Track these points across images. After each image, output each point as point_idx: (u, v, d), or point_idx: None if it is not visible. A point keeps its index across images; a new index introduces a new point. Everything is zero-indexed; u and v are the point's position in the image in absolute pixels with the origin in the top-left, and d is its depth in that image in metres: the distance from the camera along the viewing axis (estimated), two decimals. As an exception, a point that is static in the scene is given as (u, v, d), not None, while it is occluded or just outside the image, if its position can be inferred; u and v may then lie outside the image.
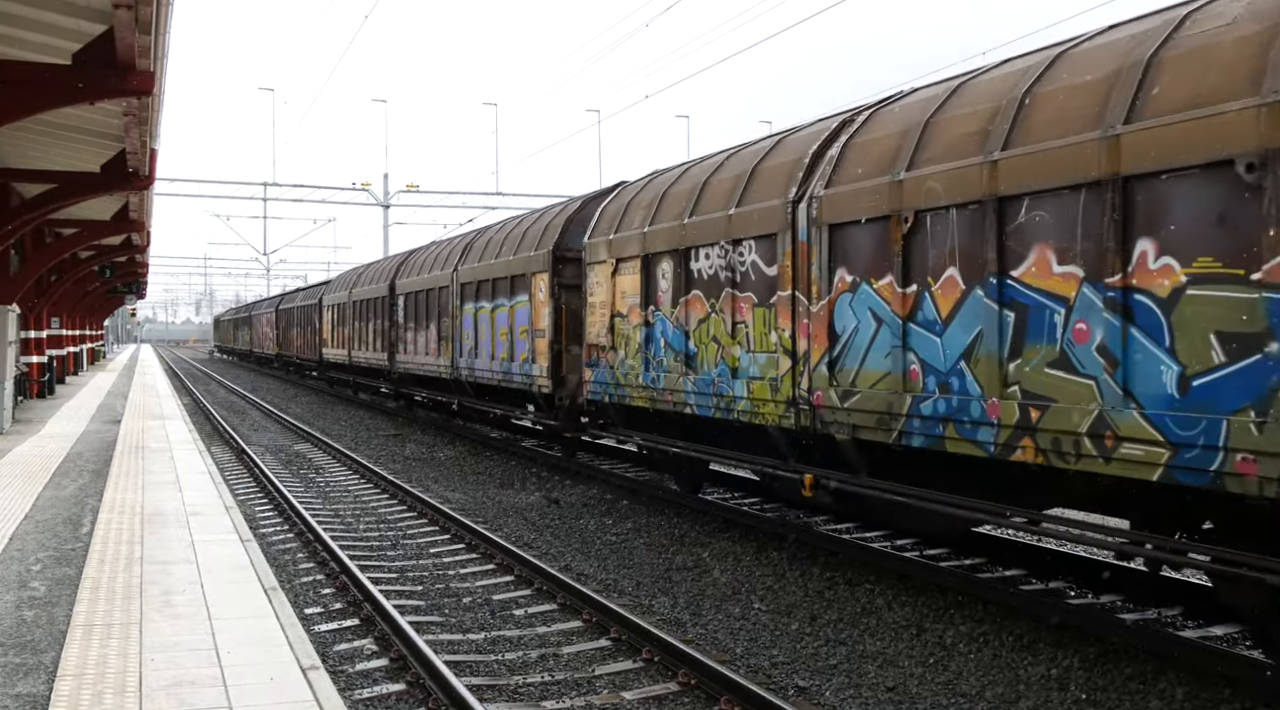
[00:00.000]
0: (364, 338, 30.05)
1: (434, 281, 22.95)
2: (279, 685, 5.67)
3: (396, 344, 26.31)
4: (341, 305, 33.96)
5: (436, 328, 22.68)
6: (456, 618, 9.27)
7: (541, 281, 16.92)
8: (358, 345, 31.03)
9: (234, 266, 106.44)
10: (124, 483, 12.89)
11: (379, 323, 28.10)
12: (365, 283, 30.35)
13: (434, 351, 22.77)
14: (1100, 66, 7.32)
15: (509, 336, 18.24)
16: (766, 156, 11.12)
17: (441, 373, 22.35)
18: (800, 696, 7.32)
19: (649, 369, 12.90)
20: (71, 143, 15.81)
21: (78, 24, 10.53)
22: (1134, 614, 8.65)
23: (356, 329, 31.13)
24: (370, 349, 29.30)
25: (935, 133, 8.50)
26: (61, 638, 6.51)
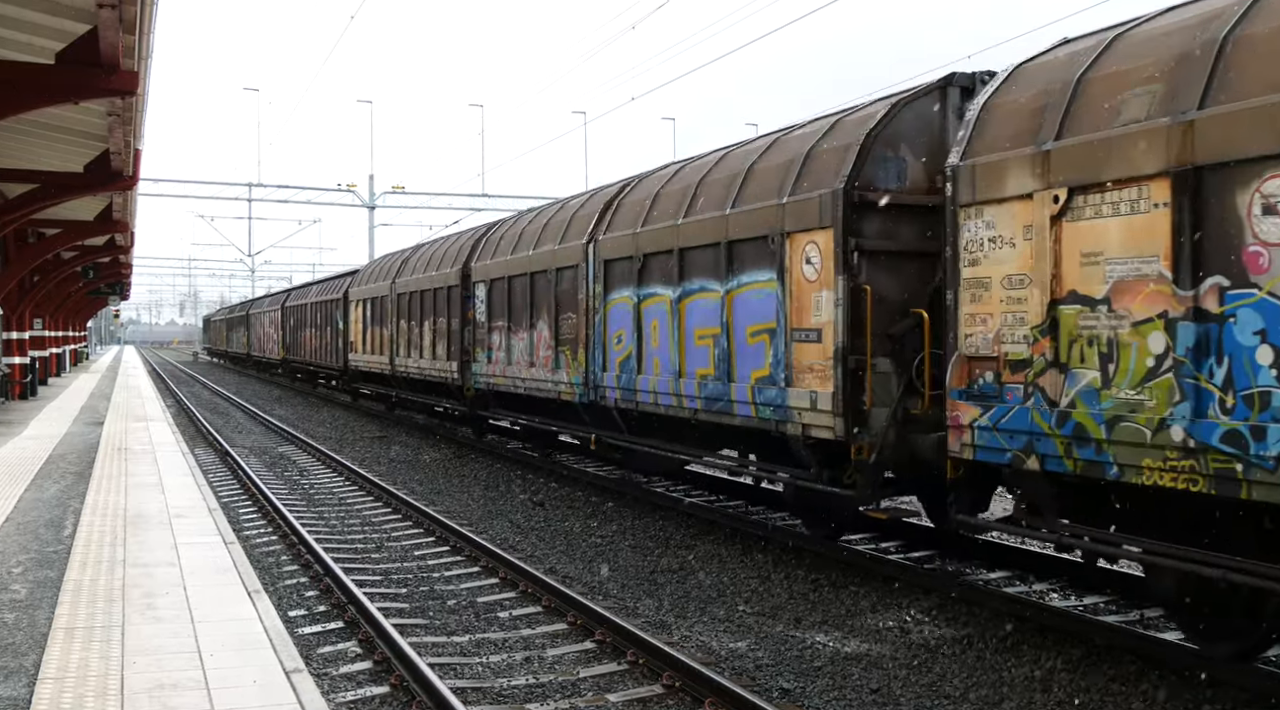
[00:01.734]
0: (417, 340, 23.13)
1: (548, 261, 15.92)
2: (262, 688, 5.65)
3: (473, 349, 19.43)
4: (378, 300, 26.82)
5: (551, 328, 15.82)
6: (441, 620, 9.25)
7: (815, 245, 9.81)
8: (407, 351, 23.91)
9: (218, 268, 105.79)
10: (107, 485, 12.82)
11: (442, 321, 21.29)
12: (419, 269, 23.51)
13: (545, 362, 15.96)
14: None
15: (723, 340, 11.15)
16: None
17: (561, 392, 15.43)
18: (785, 698, 7.33)
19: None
20: (55, 142, 15.73)
21: (61, 23, 10.49)
22: (1117, 616, 8.69)
23: (405, 330, 24.12)
24: (427, 356, 22.37)
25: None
26: (43, 641, 6.47)
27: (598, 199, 15.43)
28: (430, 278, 22.23)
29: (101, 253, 31.92)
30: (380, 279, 27.05)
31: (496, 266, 18.19)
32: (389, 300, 25.53)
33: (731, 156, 12.22)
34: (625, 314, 13.36)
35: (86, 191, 18.38)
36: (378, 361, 26.78)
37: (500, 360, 17.88)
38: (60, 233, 24.82)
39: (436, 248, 23.67)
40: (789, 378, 10.09)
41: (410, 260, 25.05)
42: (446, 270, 21.18)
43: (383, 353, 26.18)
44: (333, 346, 33.40)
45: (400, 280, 24.70)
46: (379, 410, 30.76)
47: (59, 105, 12.08)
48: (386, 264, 27.78)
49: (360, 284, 29.64)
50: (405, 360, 24.06)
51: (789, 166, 10.55)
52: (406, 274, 24.45)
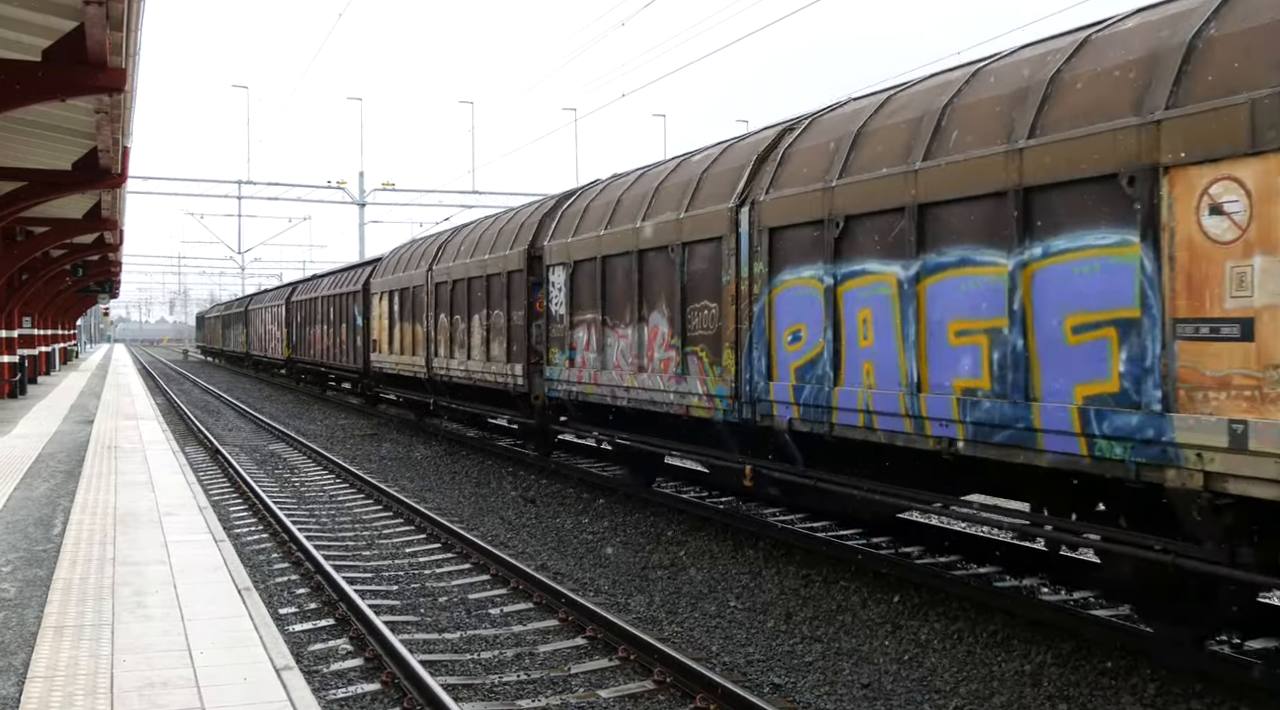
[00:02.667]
0: (463, 338, 19.06)
1: (670, 234, 11.92)
2: (252, 686, 5.64)
3: (545, 349, 15.33)
4: (409, 291, 22.69)
5: (672, 323, 11.86)
6: (432, 617, 9.25)
7: (1236, 183, 6.13)
8: (449, 351, 19.83)
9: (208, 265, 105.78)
10: (96, 483, 12.78)
11: (499, 315, 17.23)
12: (465, 253, 19.35)
13: (663, 367, 12.14)
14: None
15: (1012, 337, 7.43)
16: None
17: (691, 406, 11.55)
18: (776, 694, 7.34)
19: None
20: (42, 140, 15.67)
21: (48, 20, 10.44)
22: (1107, 610, 8.71)
23: (446, 326, 20.01)
24: (478, 357, 18.15)
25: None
26: (32, 639, 6.45)
27: (743, 149, 11.39)
28: (482, 263, 18.03)
29: (90, 251, 31.81)
30: (411, 266, 22.79)
31: (583, 245, 14.07)
32: (424, 291, 21.35)
33: (1009, 64, 8.13)
34: (807, 302, 9.57)
35: (75, 189, 18.31)
36: (409, 363, 22.50)
37: (589, 364, 13.90)
38: (49, 231, 24.72)
39: (487, 227, 19.33)
40: (1168, 397, 6.34)
41: (451, 243, 20.87)
42: (505, 252, 16.96)
43: (416, 353, 21.91)
44: (349, 345, 29.22)
45: (440, 267, 20.52)
46: (370, 408, 30.65)
47: (46, 103, 12.03)
48: (420, 248, 23.37)
49: (384, 273, 25.31)
50: (447, 362, 19.80)
51: (1154, 62, 6.66)
52: (447, 259, 20.31)
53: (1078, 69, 7.21)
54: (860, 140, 9.10)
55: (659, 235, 12.15)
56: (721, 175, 11.32)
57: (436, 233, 23.93)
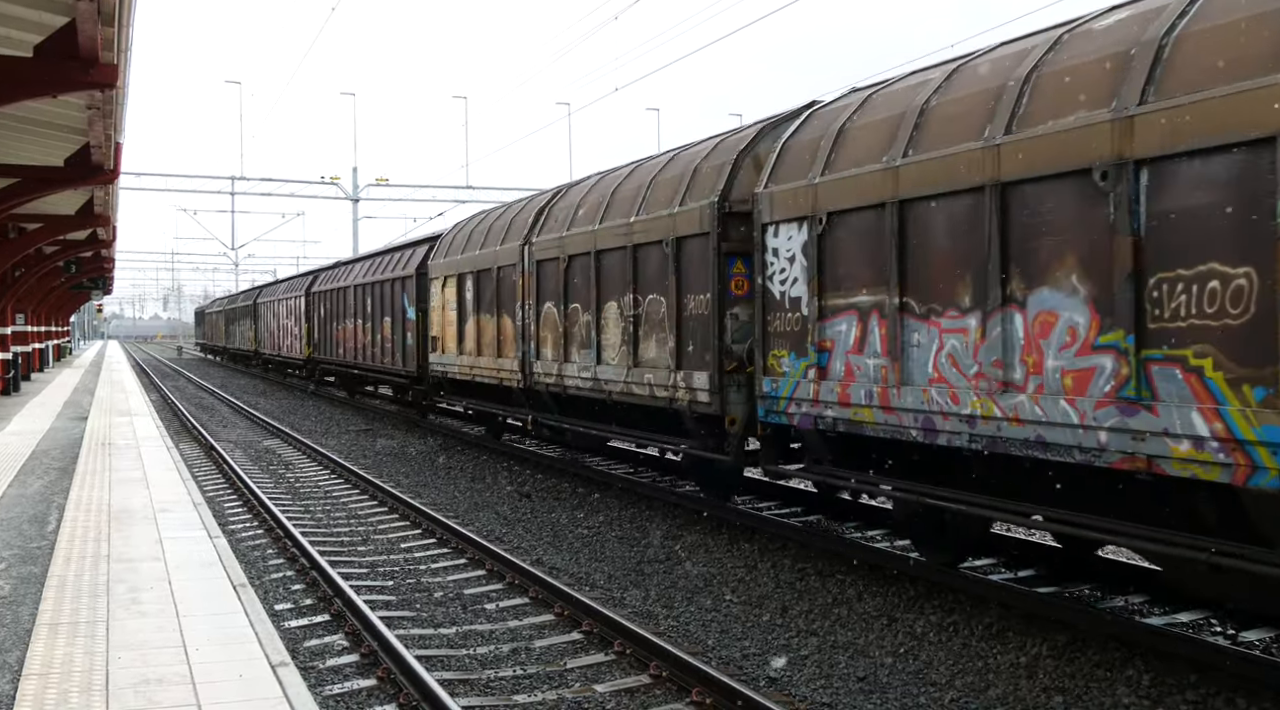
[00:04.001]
0: (585, 336, 14.18)
1: (1054, 152, 7.17)
2: (248, 682, 5.64)
3: (762, 350, 10.46)
4: (490, 273, 17.58)
5: (1100, 304, 6.90)
6: (428, 612, 9.25)
7: None
8: (562, 351, 14.83)
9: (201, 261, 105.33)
10: (91, 480, 12.76)
11: (655, 302, 12.44)
12: (588, 217, 14.24)
13: (1075, 385, 7.09)
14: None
15: None
16: None
17: (1138, 453, 6.65)
18: (771, 687, 7.35)
19: None
20: (34, 136, 15.61)
21: (39, 15, 10.39)
22: (1102, 602, 8.73)
23: (555, 317, 15.09)
24: (617, 360, 13.31)
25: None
26: (27, 636, 6.44)
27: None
28: (624, 229, 12.93)
29: (83, 247, 31.69)
30: (494, 241, 17.67)
31: (853, 186, 9.11)
32: (517, 272, 16.32)
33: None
34: None
35: (67, 186, 18.23)
36: (490, 367, 17.53)
37: (865, 374, 9.02)
38: (41, 227, 24.61)
39: (623, 180, 13.96)
40: None
41: (559, 207, 15.77)
42: (671, 211, 11.86)
43: (504, 353, 17.01)
44: (394, 344, 24.34)
45: (543, 239, 15.55)
46: (364, 404, 30.56)
47: (38, 99, 11.97)
48: (506, 218, 17.95)
49: (449, 252, 20.22)
50: (558, 367, 14.92)
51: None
52: (555, 228, 15.33)
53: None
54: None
55: (1043, 153, 7.26)
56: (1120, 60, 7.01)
57: (528, 197, 18.42)
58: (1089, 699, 6.89)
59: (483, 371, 17.99)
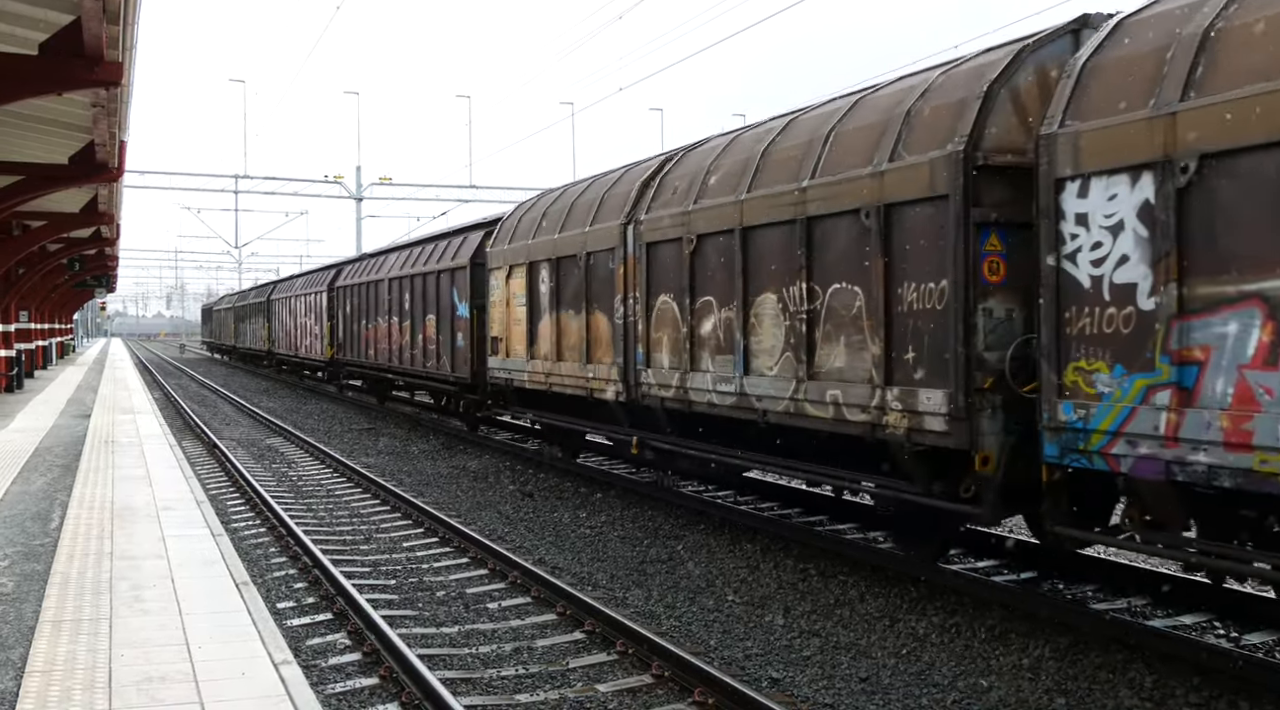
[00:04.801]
0: (718, 337, 11.10)
1: None
2: (251, 680, 5.64)
3: (1077, 362, 7.19)
4: (577, 261, 14.34)
5: None
6: (430, 611, 9.25)
7: None
8: (685, 358, 11.65)
9: (205, 260, 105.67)
10: (93, 477, 12.77)
11: (851, 291, 9.22)
12: (722, 186, 11.12)
13: None
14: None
15: None
16: None
17: None
18: (774, 688, 7.35)
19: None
20: (39, 134, 15.63)
21: (45, 13, 10.41)
22: (1104, 604, 8.72)
23: (675, 314, 11.91)
24: (779, 370, 10.08)
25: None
26: (30, 634, 6.45)
27: None
28: (787, 198, 9.85)
29: (87, 245, 31.74)
30: (579, 222, 14.33)
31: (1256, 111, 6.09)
32: (617, 257, 13.06)
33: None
34: None
35: (71, 183, 18.26)
36: (578, 375, 14.19)
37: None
38: (45, 225, 24.65)
39: (775, 136, 10.70)
40: None
41: (675, 175, 12.37)
42: (876, 168, 8.88)
43: (597, 358, 13.72)
44: (441, 345, 21.38)
45: (655, 216, 12.15)
46: (366, 401, 30.51)
47: (42, 97, 11.99)
48: (592, 194, 14.59)
49: (515, 237, 16.73)
50: (686, 378, 11.51)
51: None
52: (674, 200, 11.94)
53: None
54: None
55: None
56: None
57: (622, 168, 14.76)
58: (1091, 701, 6.88)
59: (563, 380, 14.73)
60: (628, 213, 12.96)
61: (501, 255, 17.12)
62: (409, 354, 23.80)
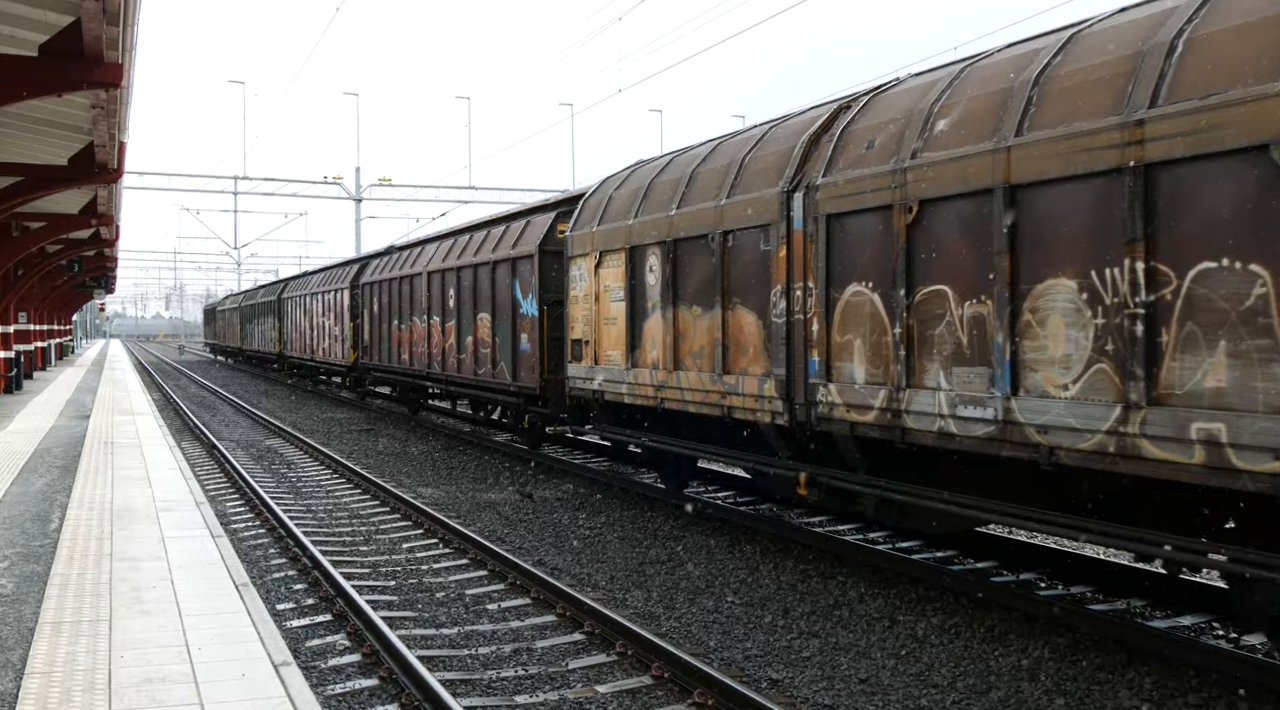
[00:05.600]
0: (1001, 338, 7.59)
1: None
2: (250, 681, 5.64)
3: None
4: (706, 243, 11.25)
5: None
6: (430, 613, 9.25)
7: None
8: (912, 369, 8.41)
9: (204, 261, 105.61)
10: (93, 478, 12.77)
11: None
12: (968, 127, 8.04)
13: None
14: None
15: None
16: None
17: None
18: (773, 689, 7.35)
19: None
20: (38, 135, 15.64)
21: (45, 15, 10.42)
22: (1103, 605, 8.73)
23: (877, 311, 8.82)
24: (1146, 398, 6.56)
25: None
26: (30, 635, 6.45)
27: None
28: (1115, 135, 6.73)
29: (86, 246, 31.78)
30: (711, 191, 11.28)
31: None
32: (778, 235, 10.04)
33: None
34: None
35: (71, 184, 18.27)
36: (710, 389, 11.17)
37: None
38: (44, 226, 24.67)
39: (1054, 54, 7.62)
40: None
41: (863, 126, 9.43)
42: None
43: (741, 367, 10.70)
44: (497, 348, 18.40)
45: (843, 177, 9.23)
46: (366, 403, 30.43)
47: (42, 98, 12.00)
48: (725, 156, 11.56)
49: (606, 217, 13.69)
50: (896, 398, 8.55)
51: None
52: (875, 156, 8.98)
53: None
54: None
55: None
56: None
57: (770, 121, 11.56)
58: (1091, 701, 6.89)
59: (683, 395, 11.71)
60: (791, 177, 9.97)
61: (588, 240, 14.08)
62: (454, 359, 20.82)
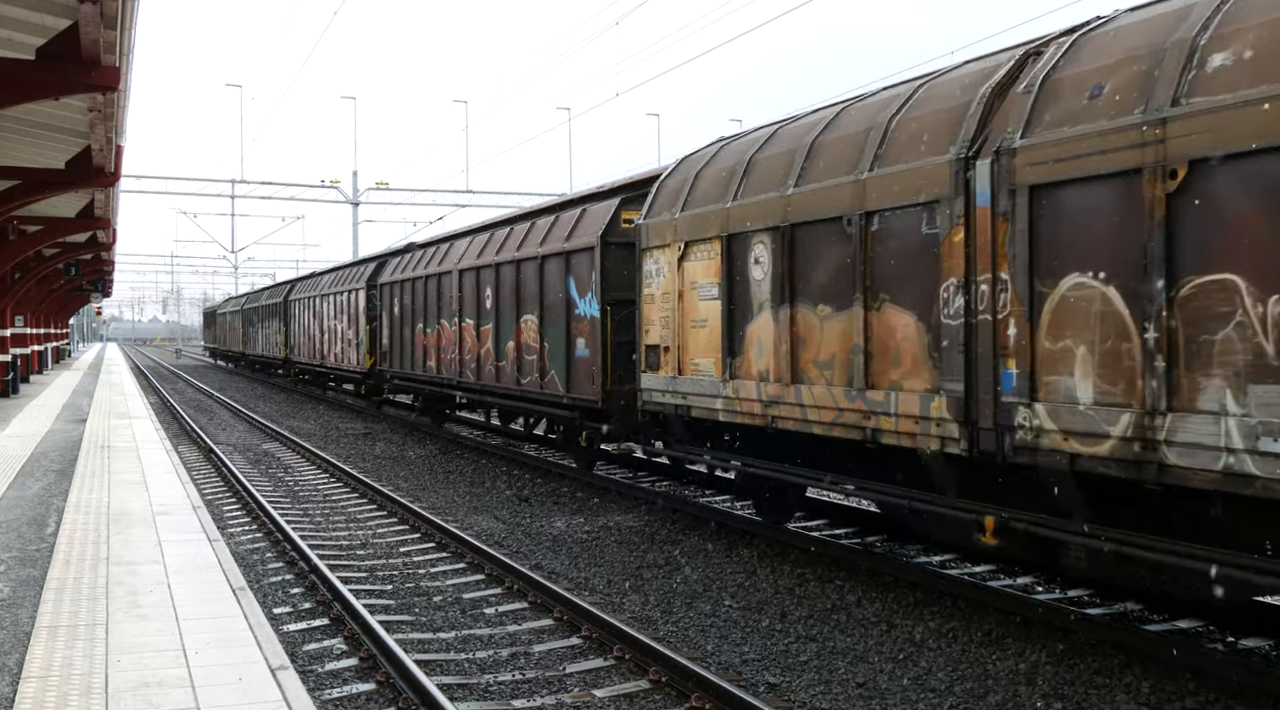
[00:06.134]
0: None
1: None
2: (247, 686, 5.63)
3: None
4: (861, 222, 8.89)
5: None
6: (427, 617, 9.24)
7: None
8: None
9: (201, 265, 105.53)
10: (90, 482, 12.75)
11: None
12: None
13: None
14: None
15: None
16: None
17: None
18: (771, 693, 7.35)
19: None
20: (35, 138, 15.62)
21: (42, 18, 10.40)
22: (1101, 609, 8.73)
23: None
24: None
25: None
26: (26, 639, 6.44)
27: None
28: None
29: (83, 250, 31.71)
30: (835, 168, 9.42)
31: None
32: (957, 212, 8.02)
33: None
34: None
35: (68, 188, 18.24)
36: (846, 408, 9.21)
37: None
38: (41, 230, 24.63)
39: None
40: None
41: (1074, 69, 7.38)
42: None
43: (900, 380, 8.68)
44: (548, 354, 16.08)
45: (1057, 138, 7.20)
46: (364, 407, 30.44)
47: (39, 101, 11.99)
48: (866, 117, 9.44)
49: (689, 203, 11.72)
50: (1154, 423, 6.51)
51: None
52: (1114, 103, 6.86)
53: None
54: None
55: None
56: None
57: (913, 80, 9.65)
58: (1088, 706, 6.88)
59: (808, 413, 9.62)
60: (970, 140, 8.02)
61: (667, 228, 12.03)
62: (490, 367, 18.55)
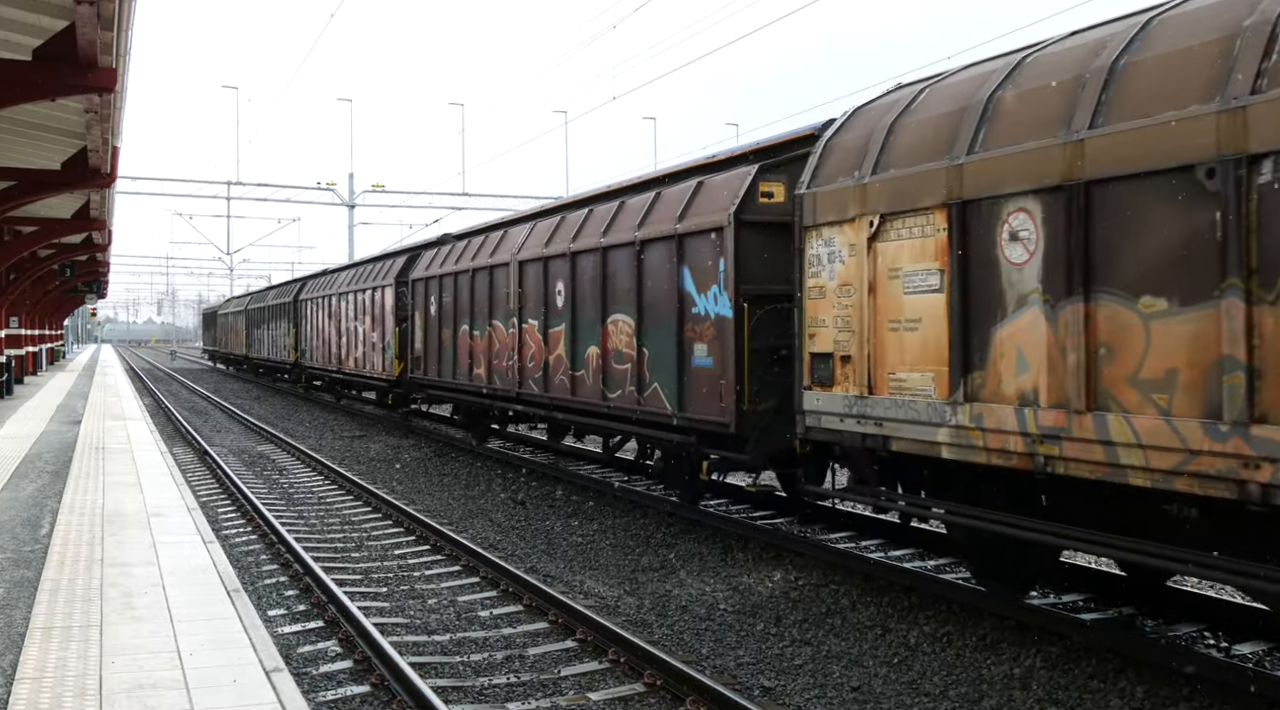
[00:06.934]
0: None
1: None
2: (242, 688, 5.63)
3: None
4: (1247, 169, 5.89)
5: None
6: (422, 619, 9.23)
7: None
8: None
9: (196, 266, 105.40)
10: (84, 484, 12.73)
11: None
12: None
13: None
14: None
15: None
16: None
17: None
18: (766, 697, 7.35)
19: None
20: (31, 139, 15.60)
21: (39, 19, 10.40)
22: (1095, 613, 8.74)
23: None
24: None
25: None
26: (20, 640, 6.43)
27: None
28: None
29: (79, 251, 31.65)
30: (1161, 101, 6.48)
31: None
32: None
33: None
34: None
35: (64, 189, 18.21)
36: (1194, 452, 6.21)
37: None
38: (37, 231, 24.58)
39: None
40: None
41: None
42: None
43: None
44: (648, 364, 12.92)
45: None
46: (358, 409, 30.43)
47: (35, 102, 11.98)
48: (1190, 29, 6.56)
49: (879, 166, 8.86)
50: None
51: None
52: None
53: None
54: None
55: None
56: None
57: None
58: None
59: (1120, 454, 6.73)
60: None
61: (848, 198, 9.18)
62: (562, 377, 15.31)
